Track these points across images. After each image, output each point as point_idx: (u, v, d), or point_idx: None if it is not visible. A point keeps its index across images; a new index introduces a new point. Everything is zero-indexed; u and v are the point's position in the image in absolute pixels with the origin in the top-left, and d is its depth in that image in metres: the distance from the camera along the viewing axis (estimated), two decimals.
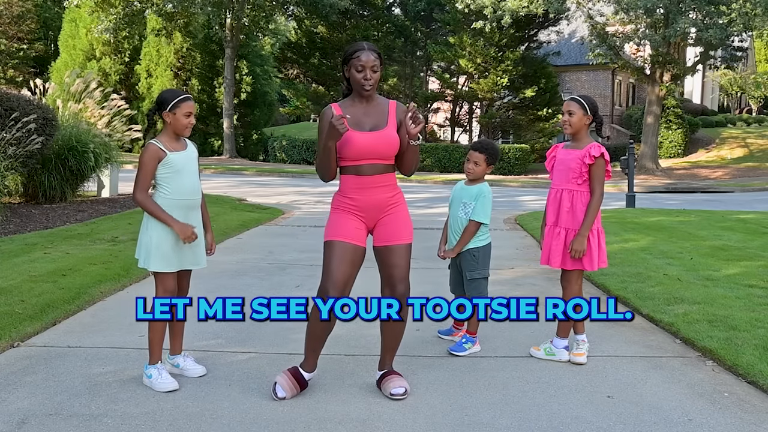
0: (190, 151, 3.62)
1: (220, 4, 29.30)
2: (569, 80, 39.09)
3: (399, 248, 3.36)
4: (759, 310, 4.84)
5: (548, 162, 4.07)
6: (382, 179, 3.35)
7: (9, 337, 4.09)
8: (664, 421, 3.12)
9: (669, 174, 28.17)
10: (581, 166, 3.81)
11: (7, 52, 33.93)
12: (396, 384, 3.37)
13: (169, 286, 3.50)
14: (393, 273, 3.34)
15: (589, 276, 6.29)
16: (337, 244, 3.31)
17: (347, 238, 3.32)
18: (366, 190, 3.34)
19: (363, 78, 3.29)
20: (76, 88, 12.12)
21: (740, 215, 11.37)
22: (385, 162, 3.35)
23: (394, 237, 3.36)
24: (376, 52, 3.32)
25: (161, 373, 3.44)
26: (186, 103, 3.52)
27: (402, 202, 3.46)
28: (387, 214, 3.39)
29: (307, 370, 3.42)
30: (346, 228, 3.34)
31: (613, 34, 27.63)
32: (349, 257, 3.30)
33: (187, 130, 3.56)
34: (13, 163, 9.07)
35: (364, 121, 3.34)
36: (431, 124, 37.96)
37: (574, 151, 3.87)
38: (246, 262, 6.94)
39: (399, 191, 3.46)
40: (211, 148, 32.63)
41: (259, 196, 15.15)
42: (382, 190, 3.36)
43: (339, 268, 3.27)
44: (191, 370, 3.63)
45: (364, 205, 3.35)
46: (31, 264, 6.10)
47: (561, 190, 3.88)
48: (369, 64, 3.28)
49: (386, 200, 3.37)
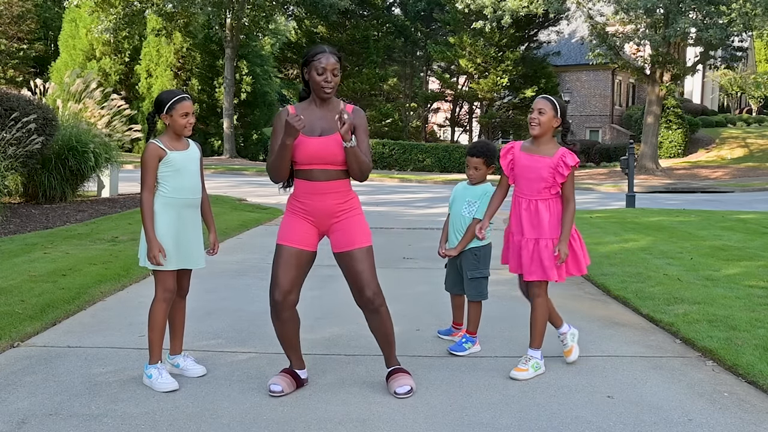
0: (191, 151, 3.61)
1: (220, 4, 29.32)
2: (569, 80, 39.09)
3: (358, 253, 3.34)
4: (759, 310, 4.84)
5: (506, 163, 3.77)
6: (332, 186, 3.33)
7: (9, 337, 4.09)
8: (664, 421, 3.12)
9: (669, 174, 28.17)
10: (554, 175, 3.62)
11: (7, 52, 33.93)
12: (400, 383, 3.39)
13: (169, 285, 3.50)
14: (357, 279, 3.35)
15: (589, 276, 6.29)
16: (284, 249, 3.37)
17: (294, 242, 3.36)
18: (316, 195, 3.33)
19: (323, 80, 3.27)
20: (76, 88, 12.12)
21: (740, 215, 11.37)
22: (337, 168, 3.32)
23: (351, 242, 3.35)
24: (337, 56, 3.32)
25: (161, 373, 3.44)
26: (181, 104, 3.50)
27: (356, 208, 3.43)
28: (339, 219, 3.38)
29: (297, 368, 3.49)
30: (294, 232, 3.38)
31: (613, 34, 27.64)
32: (294, 261, 3.36)
33: (187, 130, 3.55)
34: (13, 163, 9.07)
35: (316, 125, 3.32)
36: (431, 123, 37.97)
37: (543, 158, 3.65)
38: (246, 262, 6.94)
39: (353, 197, 3.43)
40: (211, 148, 32.64)
41: (259, 196, 15.15)
42: (333, 196, 3.34)
43: (284, 273, 3.34)
44: (191, 370, 3.63)
45: (314, 210, 3.36)
46: (31, 264, 6.10)
47: (535, 201, 3.67)
48: (330, 67, 3.26)
49: (337, 206, 3.36)
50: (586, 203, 16.52)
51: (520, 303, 5.25)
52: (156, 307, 3.49)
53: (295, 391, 3.42)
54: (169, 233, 3.48)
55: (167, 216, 3.50)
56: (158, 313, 3.49)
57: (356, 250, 3.34)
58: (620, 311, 5.15)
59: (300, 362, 3.51)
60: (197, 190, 3.61)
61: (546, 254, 3.64)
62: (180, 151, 3.54)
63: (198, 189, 3.62)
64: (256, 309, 5.03)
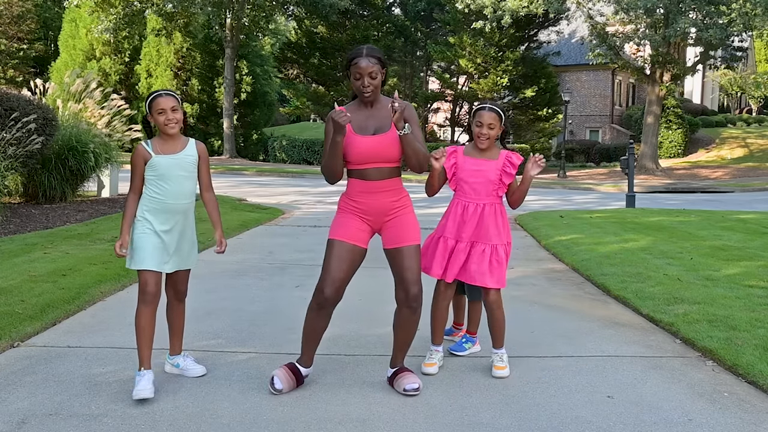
0: (183, 155, 3.44)
1: (220, 4, 29.32)
2: (569, 80, 39.10)
3: (408, 250, 3.39)
4: (759, 310, 4.84)
5: (449, 165, 3.71)
6: (387, 184, 3.38)
7: (9, 337, 4.09)
8: (664, 421, 3.12)
9: (669, 174, 28.17)
10: (502, 176, 3.64)
11: (7, 52, 33.94)
12: (409, 380, 3.41)
13: (145, 287, 3.34)
14: (405, 275, 3.38)
15: (589, 276, 6.30)
16: (337, 244, 3.37)
17: (348, 238, 3.38)
18: (371, 194, 3.38)
19: (361, 85, 3.32)
20: (76, 88, 12.12)
21: (740, 215, 11.37)
22: (391, 165, 3.38)
23: (402, 239, 3.40)
24: (376, 57, 3.33)
25: (140, 380, 3.29)
26: (156, 101, 3.34)
27: (408, 205, 3.49)
28: (393, 217, 3.43)
29: (303, 366, 3.48)
30: (347, 228, 3.40)
31: (613, 34, 27.65)
32: (347, 256, 3.36)
33: (169, 128, 3.36)
34: (13, 163, 9.07)
35: (367, 124, 3.37)
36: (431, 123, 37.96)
37: (488, 161, 3.66)
38: (246, 262, 6.94)
39: (405, 194, 3.49)
40: (211, 148, 32.64)
41: (260, 196, 15.15)
42: (387, 194, 3.39)
43: (337, 267, 3.34)
44: (191, 370, 3.63)
45: (369, 208, 3.40)
46: (31, 264, 6.10)
47: (482, 204, 3.65)
48: (366, 71, 3.30)
49: (391, 204, 3.41)
50: (586, 203, 16.52)
51: (520, 303, 5.25)
52: (136, 310, 3.38)
53: (293, 390, 3.43)
54: (150, 234, 3.37)
55: (151, 217, 3.39)
56: (138, 317, 3.36)
57: (407, 247, 3.39)
58: (620, 311, 5.15)
59: (311, 360, 3.51)
60: (184, 195, 3.45)
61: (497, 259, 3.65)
62: (168, 154, 3.40)
63: (186, 194, 3.46)
64: (256, 309, 5.03)
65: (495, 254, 3.66)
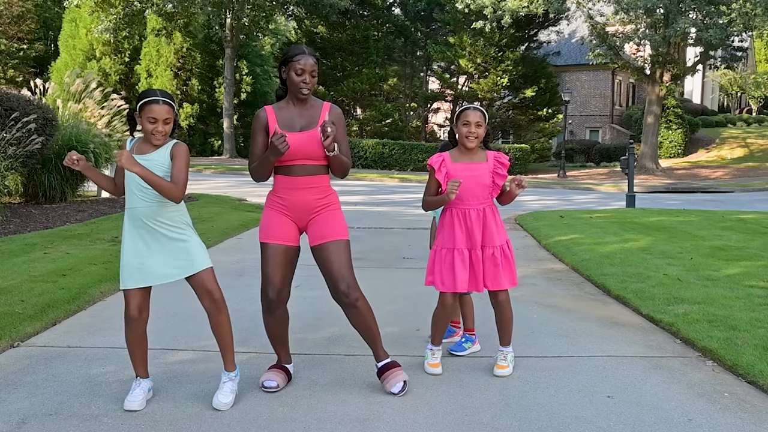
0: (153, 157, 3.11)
1: (220, 4, 29.32)
2: (569, 80, 39.11)
3: (333, 245, 3.35)
4: (759, 310, 4.84)
5: (442, 176, 3.63)
6: (311, 180, 3.36)
7: (9, 337, 4.09)
8: (664, 421, 3.12)
9: (669, 174, 28.18)
10: (495, 177, 3.64)
11: (7, 52, 33.93)
12: (392, 382, 3.39)
13: (127, 308, 3.17)
14: (330, 272, 3.35)
15: (589, 276, 6.30)
16: (270, 247, 3.39)
17: (278, 239, 3.39)
18: (295, 190, 3.36)
19: (302, 81, 3.30)
20: (76, 88, 12.13)
21: (740, 215, 11.37)
22: (316, 163, 3.34)
23: (326, 235, 3.37)
24: (316, 57, 3.35)
25: (133, 389, 3.25)
26: (149, 107, 3.05)
27: (335, 203, 3.45)
28: (317, 214, 3.40)
29: (286, 363, 3.57)
30: (276, 228, 3.40)
31: (613, 34, 27.65)
32: (281, 259, 3.39)
33: (155, 138, 3.09)
34: (13, 163, 9.07)
35: (295, 122, 3.35)
36: (431, 123, 37.98)
37: (479, 164, 3.64)
38: (246, 262, 6.94)
39: (332, 193, 3.45)
40: (211, 148, 32.66)
41: (260, 196, 15.13)
42: (312, 191, 3.37)
43: (274, 271, 3.37)
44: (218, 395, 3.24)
45: (293, 205, 3.38)
46: (31, 264, 6.10)
47: (483, 208, 3.64)
48: (308, 69, 3.29)
49: (315, 201, 3.39)
50: (586, 203, 16.53)
51: (520, 303, 5.25)
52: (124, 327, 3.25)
53: (287, 384, 3.47)
54: (128, 248, 3.17)
55: (127, 227, 3.20)
56: (125, 334, 3.24)
57: (331, 243, 3.36)
58: (620, 311, 5.15)
59: (289, 357, 3.59)
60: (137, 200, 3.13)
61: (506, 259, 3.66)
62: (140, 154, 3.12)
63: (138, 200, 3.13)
64: (256, 309, 5.02)
65: (503, 255, 3.67)
